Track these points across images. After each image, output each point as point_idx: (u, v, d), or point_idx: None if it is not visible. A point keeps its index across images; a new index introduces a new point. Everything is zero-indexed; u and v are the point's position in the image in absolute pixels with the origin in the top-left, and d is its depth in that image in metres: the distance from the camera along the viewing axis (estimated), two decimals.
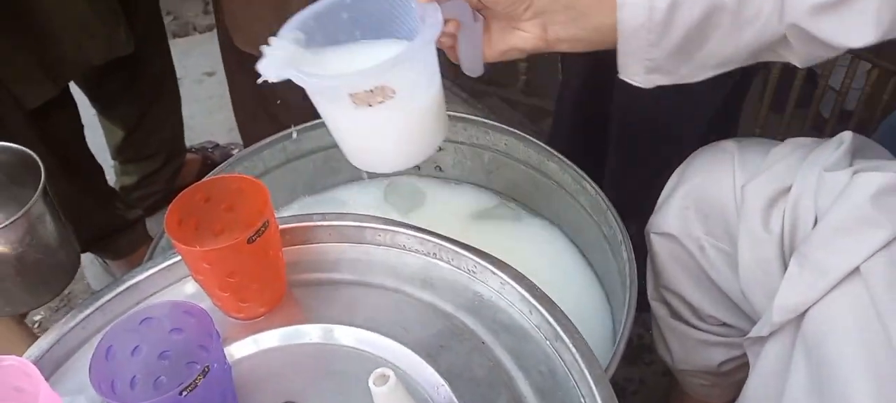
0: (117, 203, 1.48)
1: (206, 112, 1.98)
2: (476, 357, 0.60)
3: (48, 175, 1.13)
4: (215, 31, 1.29)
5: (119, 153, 1.56)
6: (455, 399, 0.56)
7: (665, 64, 0.60)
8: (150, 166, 1.57)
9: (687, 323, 0.80)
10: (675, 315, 0.81)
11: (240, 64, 1.17)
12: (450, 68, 0.69)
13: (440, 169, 0.97)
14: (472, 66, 0.67)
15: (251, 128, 1.26)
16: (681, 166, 0.75)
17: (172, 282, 0.67)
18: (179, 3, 2.37)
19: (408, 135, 0.65)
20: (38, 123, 1.18)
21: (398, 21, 0.63)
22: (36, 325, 1.61)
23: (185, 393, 0.50)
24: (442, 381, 0.58)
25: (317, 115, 0.65)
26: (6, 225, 0.62)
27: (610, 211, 0.76)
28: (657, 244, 0.77)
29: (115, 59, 1.21)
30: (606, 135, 0.99)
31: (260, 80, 0.59)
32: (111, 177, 1.58)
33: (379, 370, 0.43)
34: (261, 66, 0.59)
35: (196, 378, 0.50)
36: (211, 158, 1.78)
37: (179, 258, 0.65)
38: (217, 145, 1.84)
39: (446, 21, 0.61)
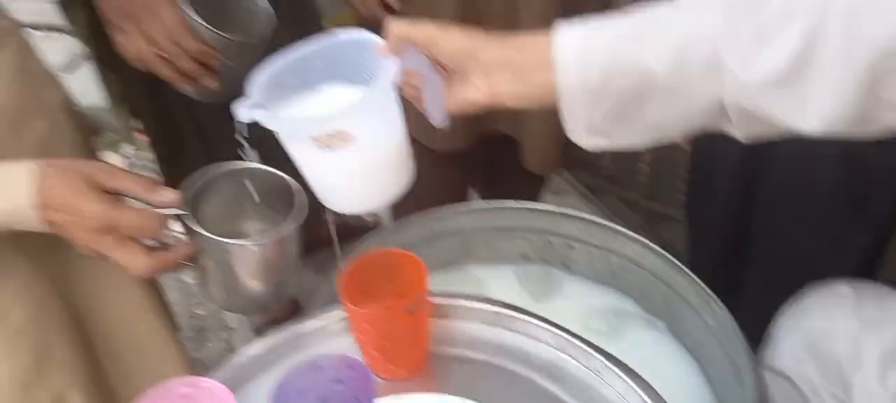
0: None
1: None
2: None
3: None
4: None
5: None
6: None
7: (604, 127, 0.62)
8: None
9: None
10: None
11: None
12: (573, 163, 0.75)
13: (568, 266, 1.03)
14: (437, 117, 0.70)
15: (402, 204, 1.38)
16: (794, 303, 0.77)
17: (332, 335, 0.76)
18: None
19: (367, 178, 0.70)
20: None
21: (366, 70, 0.67)
22: None
23: None
24: None
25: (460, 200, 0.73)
26: (278, 239, 0.73)
27: (736, 336, 0.79)
28: (771, 381, 0.78)
29: None
30: (743, 253, 1.01)
31: (236, 121, 0.65)
32: None
33: None
34: (236, 107, 0.64)
35: None
36: (347, 221, 1.92)
37: (343, 314, 0.75)
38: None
39: (411, 73, 0.67)
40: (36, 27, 2.98)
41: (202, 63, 0.91)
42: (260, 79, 0.67)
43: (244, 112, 0.64)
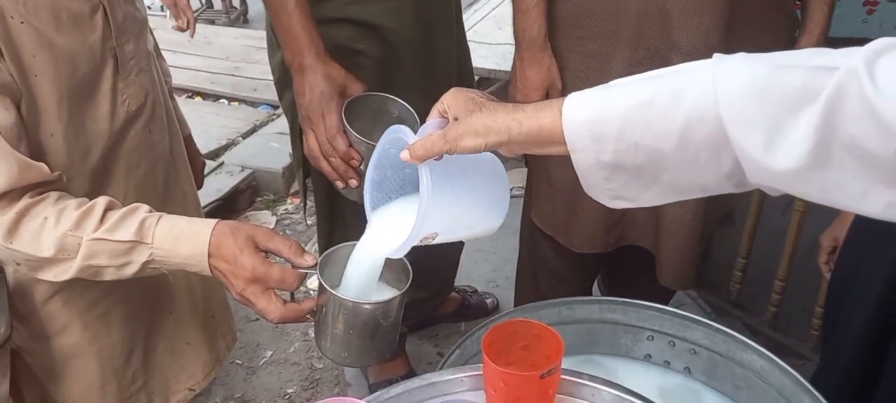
0: None
1: (472, 261, 2.25)
2: None
3: None
4: None
5: None
6: None
7: (624, 193, 0.66)
8: (422, 294, 1.83)
9: None
10: None
11: (532, 233, 1.39)
12: (700, 282, 0.80)
13: (689, 370, 1.05)
14: None
15: (525, 287, 1.46)
16: None
17: (464, 390, 0.84)
18: None
19: (470, 231, 0.84)
20: None
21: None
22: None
23: None
24: None
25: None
26: (389, 300, 0.87)
27: None
28: None
29: None
30: (872, 390, 0.99)
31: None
32: None
33: None
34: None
35: None
36: (469, 301, 2.02)
37: (478, 371, 0.82)
38: (476, 291, 2.08)
39: None
40: (227, 98, 3.41)
41: (349, 164, 1.07)
42: (368, 193, 0.85)
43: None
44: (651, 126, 0.62)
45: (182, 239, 0.89)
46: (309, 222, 2.65)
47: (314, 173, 1.46)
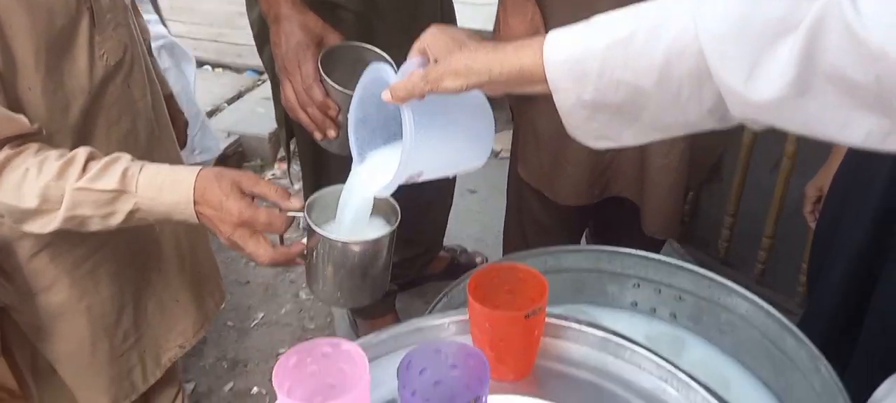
0: None
1: (461, 221, 2.25)
2: None
3: None
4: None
5: None
6: None
7: (607, 133, 0.67)
8: (411, 252, 1.84)
9: None
10: None
11: (519, 187, 1.38)
12: (689, 239, 0.81)
13: (675, 316, 1.06)
14: None
15: (512, 240, 1.46)
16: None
17: (451, 334, 0.85)
18: None
19: (456, 164, 0.85)
20: None
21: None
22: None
23: None
24: None
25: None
26: (378, 239, 0.87)
27: (842, 398, 0.79)
28: None
29: None
30: (855, 333, 1.01)
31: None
32: None
33: None
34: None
35: (471, 401, 0.65)
36: (458, 260, 2.02)
37: (464, 317, 0.83)
38: (465, 250, 2.09)
39: None
40: (211, 64, 3.37)
41: (326, 114, 1.06)
42: (352, 129, 0.85)
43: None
44: (631, 62, 0.61)
45: (166, 188, 0.88)
46: (296, 187, 2.64)
47: (298, 130, 1.45)
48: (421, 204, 1.76)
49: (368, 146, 0.87)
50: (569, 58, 0.64)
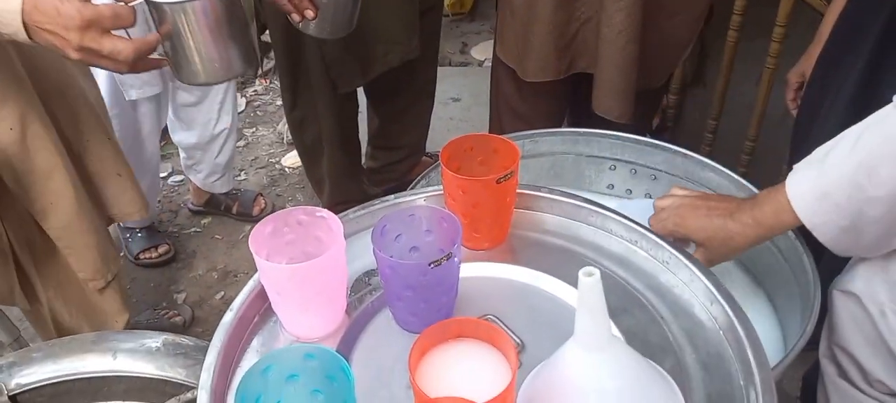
0: (364, 179, 1.77)
1: (445, 128, 2.26)
2: (653, 327, 0.71)
3: (331, 144, 1.44)
4: (467, 66, 1.52)
5: (373, 139, 1.86)
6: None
7: (879, 247, 0.73)
8: (394, 156, 1.84)
9: (853, 384, 0.82)
10: (844, 375, 0.83)
11: (498, 75, 1.38)
12: (676, 134, 0.83)
13: (650, 196, 1.08)
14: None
15: (497, 125, 1.47)
16: None
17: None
18: (443, 40, 2.74)
19: None
20: (338, 101, 1.49)
21: None
22: None
23: (432, 266, 0.67)
24: (618, 334, 0.69)
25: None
26: None
27: (805, 256, 0.82)
28: (838, 301, 0.81)
29: None
30: None
31: None
32: (362, 159, 1.89)
33: (587, 267, 0.56)
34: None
35: (441, 259, 0.67)
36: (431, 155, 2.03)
37: (439, 191, 0.84)
38: None
39: None
40: None
41: None
42: None
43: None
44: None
45: None
46: (278, 103, 2.62)
47: (270, 20, 1.43)
48: (401, 106, 1.75)
49: None
50: (821, 209, 0.73)
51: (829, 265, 0.87)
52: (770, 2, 1.69)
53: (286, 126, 2.11)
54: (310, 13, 1.05)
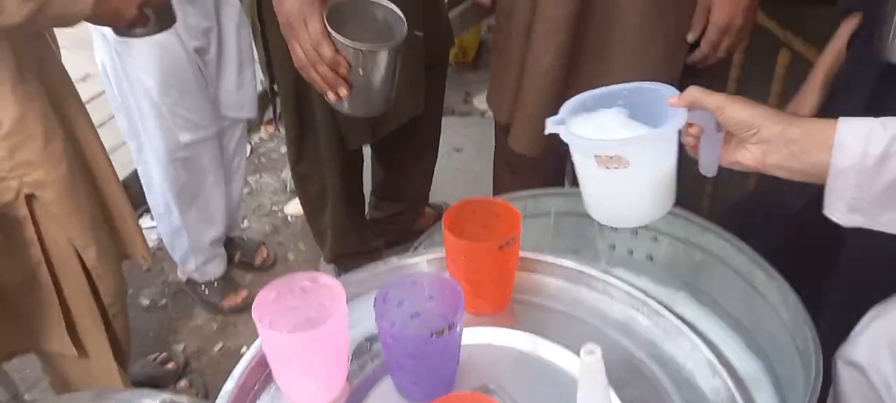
0: (368, 231, 1.77)
1: (448, 179, 2.26)
2: (656, 400, 0.71)
3: (335, 197, 1.45)
4: (470, 116, 1.54)
5: (377, 190, 1.87)
6: None
7: (867, 207, 0.67)
8: (397, 208, 1.85)
9: None
10: None
11: (499, 131, 1.40)
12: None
13: (652, 258, 1.08)
14: (707, 168, 0.79)
15: (501, 182, 1.48)
16: (883, 302, 0.79)
17: (434, 271, 0.86)
18: (448, 90, 2.77)
19: (632, 199, 0.78)
20: (344, 156, 1.51)
21: (655, 114, 0.77)
22: None
23: (434, 336, 0.67)
24: None
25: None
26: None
27: (806, 324, 0.82)
28: (843, 372, 0.80)
29: None
30: (826, 258, 1.03)
31: (545, 131, 0.77)
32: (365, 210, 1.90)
33: (588, 345, 0.56)
34: (548, 122, 0.77)
35: (443, 329, 0.67)
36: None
37: (441, 254, 0.84)
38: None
39: (691, 125, 0.76)
40: None
41: (337, 72, 1.03)
42: (570, 102, 0.80)
43: (550, 125, 0.78)
44: None
45: None
46: (282, 150, 2.64)
47: (279, 72, 1.45)
48: (405, 159, 1.77)
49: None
50: (864, 124, 0.66)
51: (831, 323, 0.87)
52: (767, 53, 1.72)
53: (290, 173, 2.13)
54: (343, 91, 1.03)
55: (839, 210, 0.69)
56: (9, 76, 1.04)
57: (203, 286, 1.93)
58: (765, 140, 0.71)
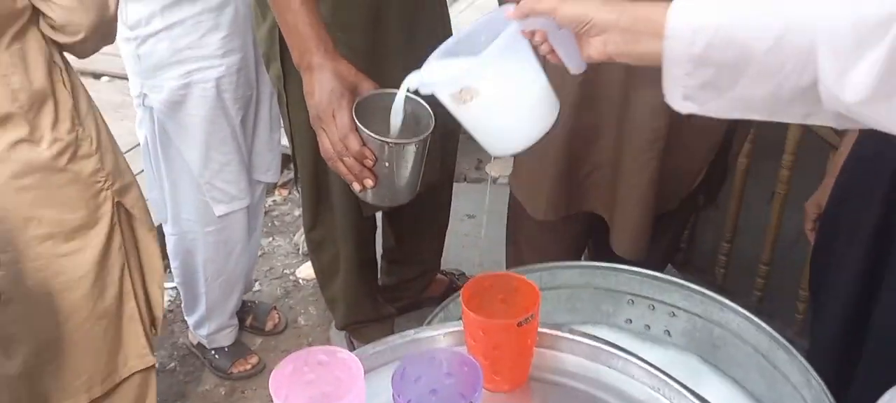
0: (379, 297, 1.77)
1: (460, 245, 2.27)
2: None
3: (348, 265, 1.46)
4: (482, 183, 1.56)
5: (388, 254, 1.87)
6: None
7: (698, 94, 0.68)
8: (409, 273, 1.85)
9: None
10: None
11: (515, 204, 1.41)
12: (687, 267, 0.82)
13: (669, 333, 1.07)
14: (573, 66, 0.79)
15: (515, 253, 1.48)
16: None
17: (451, 344, 0.85)
18: (459, 156, 2.81)
19: (504, 122, 0.82)
20: (359, 224, 1.53)
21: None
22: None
23: None
24: None
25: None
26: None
27: None
28: None
29: None
30: (857, 349, 1.02)
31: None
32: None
33: None
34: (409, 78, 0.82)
35: None
36: (456, 283, 2.04)
37: (458, 328, 0.84)
38: (463, 274, 2.10)
39: (534, 34, 0.78)
40: None
41: (363, 164, 1.04)
42: (435, 54, 0.84)
43: (410, 79, 0.84)
44: (751, 23, 0.64)
45: None
46: (296, 213, 2.66)
47: (298, 140, 1.47)
48: (418, 224, 1.78)
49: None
50: (693, 11, 0.67)
51: None
52: (777, 124, 1.73)
53: (303, 237, 2.14)
54: (369, 182, 1.04)
55: (675, 99, 0.70)
56: (85, 99, 1.20)
57: (213, 351, 1.92)
58: (602, 30, 0.72)
